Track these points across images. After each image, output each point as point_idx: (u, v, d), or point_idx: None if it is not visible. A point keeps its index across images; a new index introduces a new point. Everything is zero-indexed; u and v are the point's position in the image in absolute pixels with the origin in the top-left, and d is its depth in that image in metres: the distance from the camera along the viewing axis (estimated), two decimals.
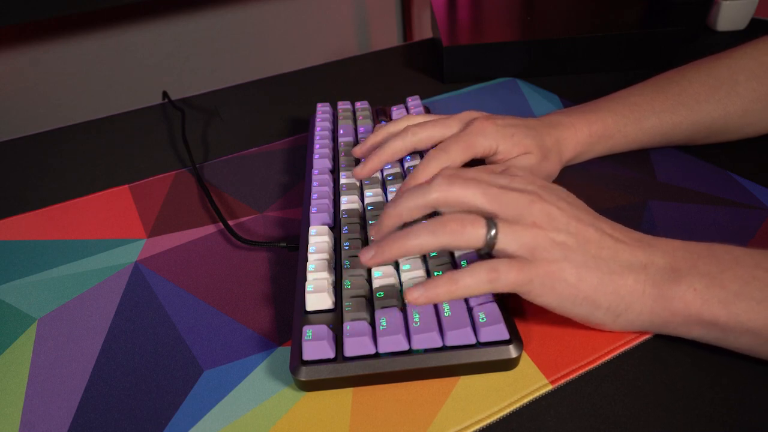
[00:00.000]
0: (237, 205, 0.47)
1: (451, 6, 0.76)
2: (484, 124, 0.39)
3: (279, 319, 0.35)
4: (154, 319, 0.36)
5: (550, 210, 0.30)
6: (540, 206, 0.30)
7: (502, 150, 0.39)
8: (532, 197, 0.30)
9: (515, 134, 0.40)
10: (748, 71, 0.42)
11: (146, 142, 0.60)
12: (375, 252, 0.31)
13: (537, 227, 0.29)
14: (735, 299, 0.27)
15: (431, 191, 0.31)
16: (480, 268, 0.28)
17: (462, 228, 0.29)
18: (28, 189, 0.53)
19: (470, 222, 0.29)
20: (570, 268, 0.28)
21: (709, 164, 0.45)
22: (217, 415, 0.30)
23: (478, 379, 0.30)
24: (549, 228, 0.29)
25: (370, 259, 0.31)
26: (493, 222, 0.29)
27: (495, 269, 0.28)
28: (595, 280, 0.29)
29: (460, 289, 0.28)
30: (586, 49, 0.62)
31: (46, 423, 0.30)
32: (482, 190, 0.30)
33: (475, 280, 0.28)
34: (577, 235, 0.29)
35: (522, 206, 0.30)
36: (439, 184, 0.30)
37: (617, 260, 0.29)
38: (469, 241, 0.29)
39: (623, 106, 0.44)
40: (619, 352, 0.31)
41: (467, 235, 0.29)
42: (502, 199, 0.30)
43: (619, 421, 0.27)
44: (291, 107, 0.64)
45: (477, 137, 0.39)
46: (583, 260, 0.29)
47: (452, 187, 0.30)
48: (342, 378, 0.29)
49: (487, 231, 0.29)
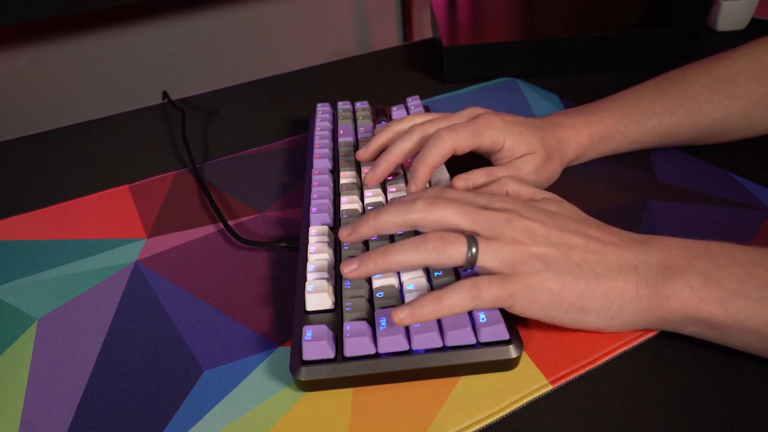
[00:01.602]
0: (237, 205, 0.47)
1: (451, 6, 0.76)
2: (492, 118, 0.40)
3: (279, 319, 0.35)
4: (154, 319, 0.36)
5: (529, 225, 0.30)
6: (519, 223, 0.30)
7: (509, 146, 0.40)
8: (510, 216, 0.31)
9: (522, 132, 0.40)
10: (748, 72, 0.42)
11: (146, 142, 0.60)
12: (358, 265, 0.31)
13: (516, 243, 0.30)
14: (732, 297, 0.27)
15: (413, 211, 0.31)
16: (462, 286, 0.29)
17: (444, 246, 0.29)
18: (28, 189, 0.53)
19: (452, 240, 0.29)
20: (552, 278, 0.29)
21: (709, 164, 0.45)
22: (217, 415, 0.30)
23: (478, 379, 0.30)
24: (529, 243, 0.30)
25: (353, 271, 0.31)
26: (474, 240, 0.30)
27: (476, 286, 0.29)
28: (580, 286, 0.29)
29: (445, 308, 0.29)
30: (586, 49, 0.62)
31: (46, 423, 0.30)
32: (462, 210, 0.31)
33: (458, 299, 0.29)
34: (558, 245, 0.30)
35: (500, 224, 0.30)
36: (421, 205, 0.31)
37: (604, 264, 0.29)
38: (450, 259, 0.29)
39: (624, 107, 0.44)
40: (619, 352, 0.31)
41: (449, 252, 0.29)
42: (481, 219, 0.30)
43: (619, 421, 0.27)
44: (291, 107, 0.64)
45: (486, 128, 0.39)
46: (566, 268, 0.29)
47: (433, 208, 0.31)
48: (342, 378, 0.29)
49: (468, 249, 0.29)
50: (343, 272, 0.31)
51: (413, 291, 0.31)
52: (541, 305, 0.29)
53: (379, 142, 0.43)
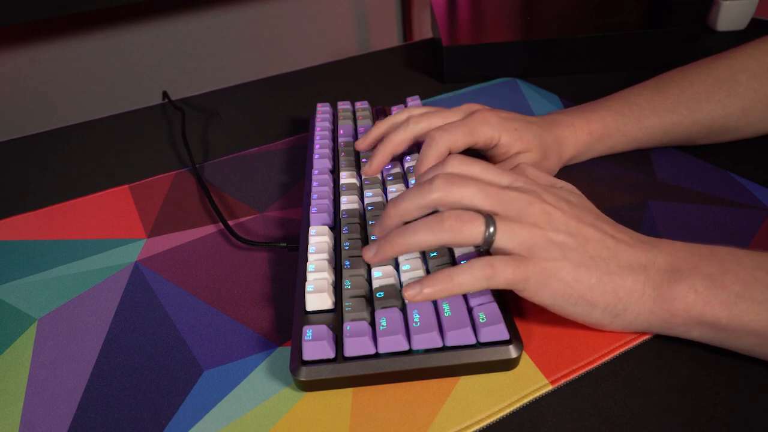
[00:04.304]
0: (237, 205, 0.47)
1: (451, 6, 0.76)
2: (487, 115, 0.40)
3: (279, 319, 0.35)
4: (154, 319, 0.36)
5: (550, 210, 0.30)
6: (540, 206, 0.30)
7: (504, 143, 0.40)
8: (532, 197, 0.30)
9: (518, 129, 0.40)
10: (748, 71, 0.42)
11: (146, 142, 0.60)
12: (377, 249, 0.31)
13: (536, 227, 0.29)
14: (737, 300, 0.27)
15: (432, 191, 0.31)
16: (477, 265, 0.28)
17: (461, 225, 0.29)
18: (28, 189, 0.53)
19: (469, 219, 0.29)
20: (567, 267, 0.28)
21: (709, 164, 0.45)
22: (217, 415, 0.30)
23: (478, 379, 0.30)
24: (548, 228, 0.29)
25: (373, 256, 0.32)
26: (492, 219, 0.29)
27: (491, 265, 0.28)
28: (592, 280, 0.29)
29: (456, 285, 0.28)
30: (586, 49, 0.62)
31: (46, 423, 0.30)
32: (482, 189, 0.30)
33: (471, 277, 0.28)
34: (576, 235, 0.29)
35: (521, 206, 0.30)
36: (440, 184, 0.30)
37: (617, 260, 0.29)
38: (468, 238, 0.29)
39: (623, 105, 0.44)
40: (619, 352, 0.31)
41: (466, 232, 0.29)
42: (501, 199, 0.30)
43: (619, 421, 0.27)
44: (291, 107, 0.64)
45: (480, 125, 0.39)
46: (582, 260, 0.29)
47: (452, 186, 0.30)
48: (342, 378, 0.29)
49: (486, 228, 0.29)
50: (366, 258, 0.32)
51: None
52: (552, 293, 0.29)
53: (376, 132, 0.43)
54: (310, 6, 1.03)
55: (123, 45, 0.91)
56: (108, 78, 0.92)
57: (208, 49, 0.98)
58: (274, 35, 1.03)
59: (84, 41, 0.88)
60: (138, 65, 0.93)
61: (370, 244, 0.32)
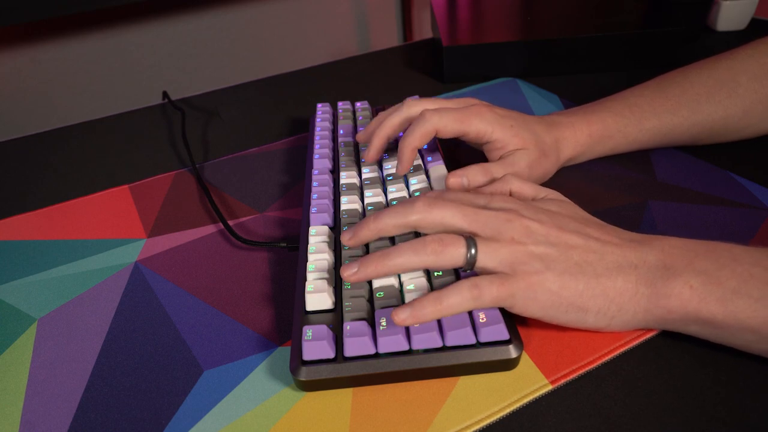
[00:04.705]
0: (237, 205, 0.47)
1: (451, 6, 0.76)
2: (482, 109, 0.40)
3: (279, 319, 0.35)
4: (154, 319, 0.36)
5: (529, 224, 0.30)
6: (518, 223, 0.30)
7: (499, 138, 0.40)
8: (509, 215, 0.31)
9: (514, 126, 0.40)
10: (748, 73, 0.42)
11: (146, 142, 0.60)
12: (358, 269, 0.31)
13: (515, 243, 0.30)
14: (733, 296, 0.27)
15: (413, 212, 0.31)
16: (464, 286, 0.29)
17: (442, 248, 0.29)
18: (28, 189, 0.53)
19: (450, 242, 0.30)
20: (552, 277, 0.29)
21: (709, 164, 0.45)
22: (217, 415, 0.30)
23: (478, 379, 0.30)
24: (528, 242, 0.30)
25: (353, 275, 0.31)
26: (472, 241, 0.30)
27: (477, 285, 0.29)
28: (580, 286, 0.29)
29: (445, 308, 0.29)
30: (586, 49, 0.62)
31: (46, 423, 0.30)
32: (461, 210, 0.31)
33: (459, 299, 0.29)
34: (557, 245, 0.30)
35: (499, 224, 0.30)
36: (420, 206, 0.31)
37: (604, 263, 0.29)
38: (450, 261, 0.30)
39: (624, 106, 0.44)
40: (619, 352, 0.31)
41: (448, 254, 0.29)
42: (479, 218, 0.31)
43: (619, 421, 0.27)
44: (291, 107, 0.64)
45: (474, 117, 0.39)
46: (565, 267, 0.29)
47: (432, 209, 0.31)
48: (342, 378, 0.29)
49: (467, 250, 0.29)
50: (343, 276, 0.31)
51: (413, 291, 0.31)
52: (541, 305, 0.29)
53: (376, 123, 0.44)
54: (310, 6, 1.03)
55: (123, 45, 0.91)
56: (108, 78, 0.92)
57: (208, 49, 0.98)
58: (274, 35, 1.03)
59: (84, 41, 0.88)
60: (138, 65, 0.93)
61: (351, 262, 0.31)
